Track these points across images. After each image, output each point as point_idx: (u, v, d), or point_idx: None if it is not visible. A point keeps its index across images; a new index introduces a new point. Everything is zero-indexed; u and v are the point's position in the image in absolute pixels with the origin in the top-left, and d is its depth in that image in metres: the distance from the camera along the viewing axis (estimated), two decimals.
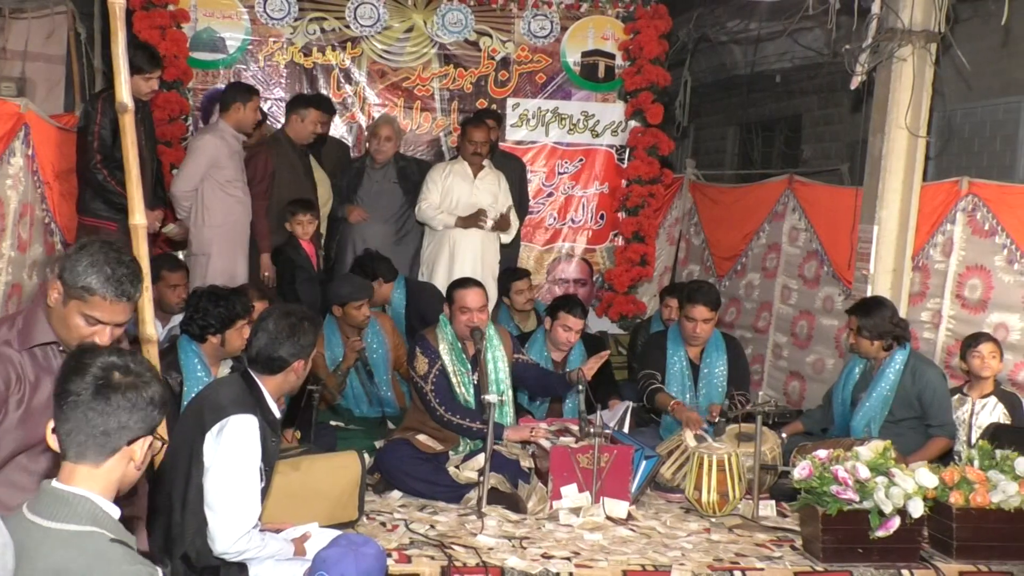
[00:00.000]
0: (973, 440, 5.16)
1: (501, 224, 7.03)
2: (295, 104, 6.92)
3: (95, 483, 2.16)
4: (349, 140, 8.05)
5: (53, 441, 2.20)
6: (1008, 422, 5.23)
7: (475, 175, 7.03)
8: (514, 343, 5.35)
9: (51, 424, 2.21)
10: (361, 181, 7.19)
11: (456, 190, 6.98)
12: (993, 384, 5.32)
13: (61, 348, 2.90)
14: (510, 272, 6.97)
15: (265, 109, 7.24)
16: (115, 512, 2.18)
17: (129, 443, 2.18)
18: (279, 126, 7.52)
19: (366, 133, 7.84)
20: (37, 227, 5.31)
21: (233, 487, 3.30)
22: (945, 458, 5.25)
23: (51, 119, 5.77)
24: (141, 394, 2.18)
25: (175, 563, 3.35)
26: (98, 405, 2.14)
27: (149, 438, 2.22)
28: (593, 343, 6.44)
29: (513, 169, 7.48)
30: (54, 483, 2.16)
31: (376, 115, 8.01)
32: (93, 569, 2.05)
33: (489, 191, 7.06)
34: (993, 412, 5.25)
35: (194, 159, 6.28)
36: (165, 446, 2.34)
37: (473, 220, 6.92)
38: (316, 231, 6.59)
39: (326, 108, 7.17)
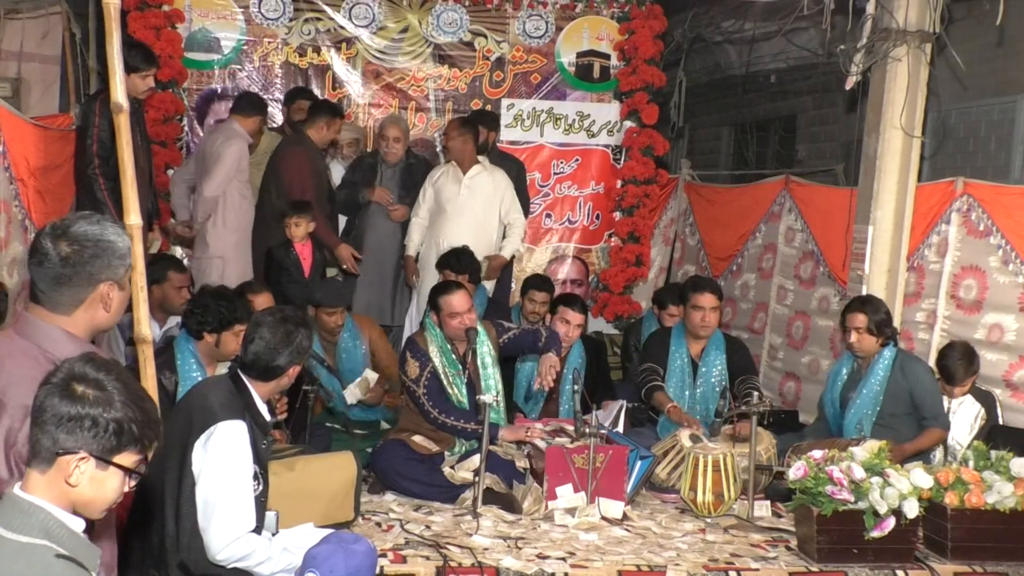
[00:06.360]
0: (949, 439, 5.22)
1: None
2: (322, 111, 6.82)
3: (48, 491, 2.08)
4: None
5: None
6: (984, 421, 5.27)
7: (464, 173, 7.00)
8: (497, 328, 5.33)
9: None
10: (374, 177, 7.21)
11: (446, 191, 6.99)
12: (970, 384, 5.35)
13: None
14: (537, 279, 6.76)
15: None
16: (76, 524, 2.10)
17: (59, 454, 2.07)
18: (272, 127, 7.55)
19: (375, 131, 7.82)
20: (15, 225, 5.27)
21: (224, 492, 3.28)
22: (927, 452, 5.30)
23: (32, 118, 5.73)
24: (89, 408, 2.07)
25: (172, 571, 3.34)
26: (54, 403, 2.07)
27: (73, 458, 2.06)
28: (592, 345, 6.46)
29: (509, 170, 7.47)
30: (16, 489, 2.10)
31: (372, 115, 8.02)
32: None
33: (481, 191, 7.00)
34: (970, 410, 5.29)
35: (227, 164, 6.42)
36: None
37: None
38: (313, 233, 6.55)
39: (340, 115, 7.19)
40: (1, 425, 2.32)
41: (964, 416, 5.29)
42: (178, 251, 7.26)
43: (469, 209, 6.95)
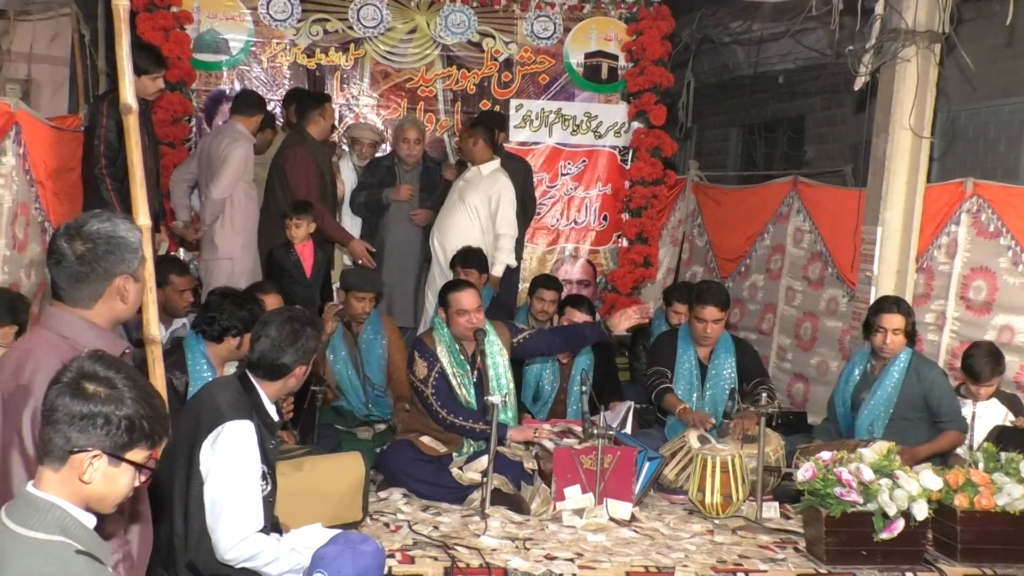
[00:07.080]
0: (975, 443, 5.12)
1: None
2: (310, 105, 6.83)
3: (62, 488, 2.10)
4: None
5: None
6: (1011, 422, 5.22)
7: (464, 172, 7.00)
8: (511, 329, 5.30)
9: None
10: (393, 180, 7.21)
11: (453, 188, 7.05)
12: (996, 384, 5.29)
13: None
14: (546, 278, 6.83)
15: (268, 110, 7.26)
16: (89, 521, 2.14)
17: (72, 452, 2.08)
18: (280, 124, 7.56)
19: (389, 133, 7.83)
20: (33, 227, 5.31)
21: (232, 491, 3.29)
22: (947, 455, 5.25)
23: (47, 119, 5.75)
24: (101, 406, 2.09)
25: (181, 571, 3.34)
26: (64, 400, 2.09)
27: (86, 456, 2.09)
28: (600, 346, 6.45)
29: (517, 171, 7.45)
30: (29, 487, 2.12)
31: (380, 116, 8.02)
32: None
33: (470, 192, 6.89)
34: (997, 413, 5.24)
35: (235, 167, 6.42)
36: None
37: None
38: (316, 233, 6.53)
39: (327, 99, 7.16)
40: (28, 409, 2.43)
41: (991, 419, 5.19)
42: (181, 253, 7.27)
43: (458, 209, 6.91)
